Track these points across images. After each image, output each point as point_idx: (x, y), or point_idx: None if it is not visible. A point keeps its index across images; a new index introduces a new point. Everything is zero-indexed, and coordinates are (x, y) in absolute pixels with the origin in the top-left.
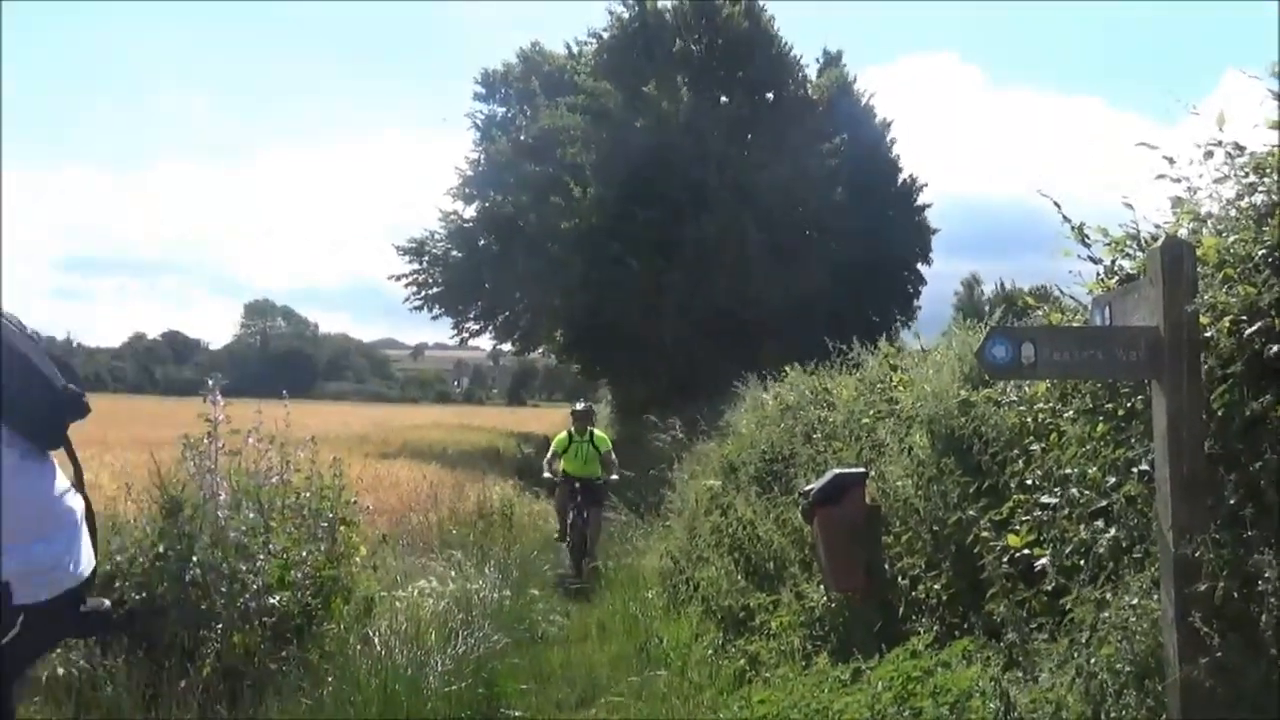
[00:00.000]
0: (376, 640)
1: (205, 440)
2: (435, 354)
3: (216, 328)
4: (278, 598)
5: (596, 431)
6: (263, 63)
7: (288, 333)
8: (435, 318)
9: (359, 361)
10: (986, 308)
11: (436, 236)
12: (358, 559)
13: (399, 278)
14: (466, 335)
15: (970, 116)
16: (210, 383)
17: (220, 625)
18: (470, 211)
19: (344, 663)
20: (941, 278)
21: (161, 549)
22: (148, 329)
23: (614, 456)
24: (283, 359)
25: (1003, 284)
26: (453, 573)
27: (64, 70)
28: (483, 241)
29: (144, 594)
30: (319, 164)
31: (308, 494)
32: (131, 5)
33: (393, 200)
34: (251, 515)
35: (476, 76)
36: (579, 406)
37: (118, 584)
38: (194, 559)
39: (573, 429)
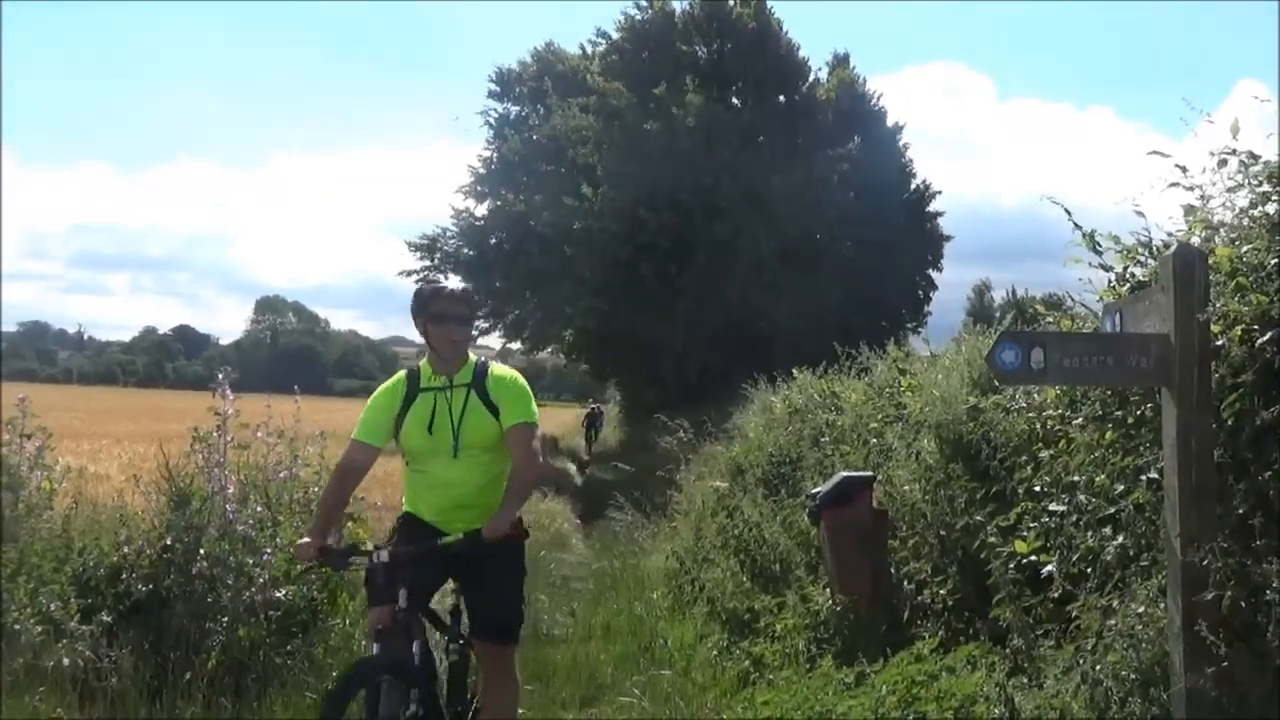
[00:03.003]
0: None
1: (215, 434)
2: None
3: (227, 323)
4: (284, 591)
5: (496, 368)
6: (277, 63)
7: (298, 329)
8: None
9: (368, 359)
10: (996, 314)
11: (448, 234)
12: None
13: (410, 274)
14: (476, 334)
15: (980, 125)
16: (220, 377)
17: (226, 618)
18: (482, 210)
19: (349, 657)
20: (949, 285)
21: (169, 541)
22: (159, 324)
23: (537, 440)
24: (292, 355)
25: (1013, 291)
26: None
27: (79, 69)
28: (494, 240)
29: (150, 586)
30: (332, 162)
31: (316, 489)
32: (147, 5)
33: (404, 198)
34: (259, 509)
35: (491, 75)
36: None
37: (124, 575)
38: (201, 552)
39: (429, 361)
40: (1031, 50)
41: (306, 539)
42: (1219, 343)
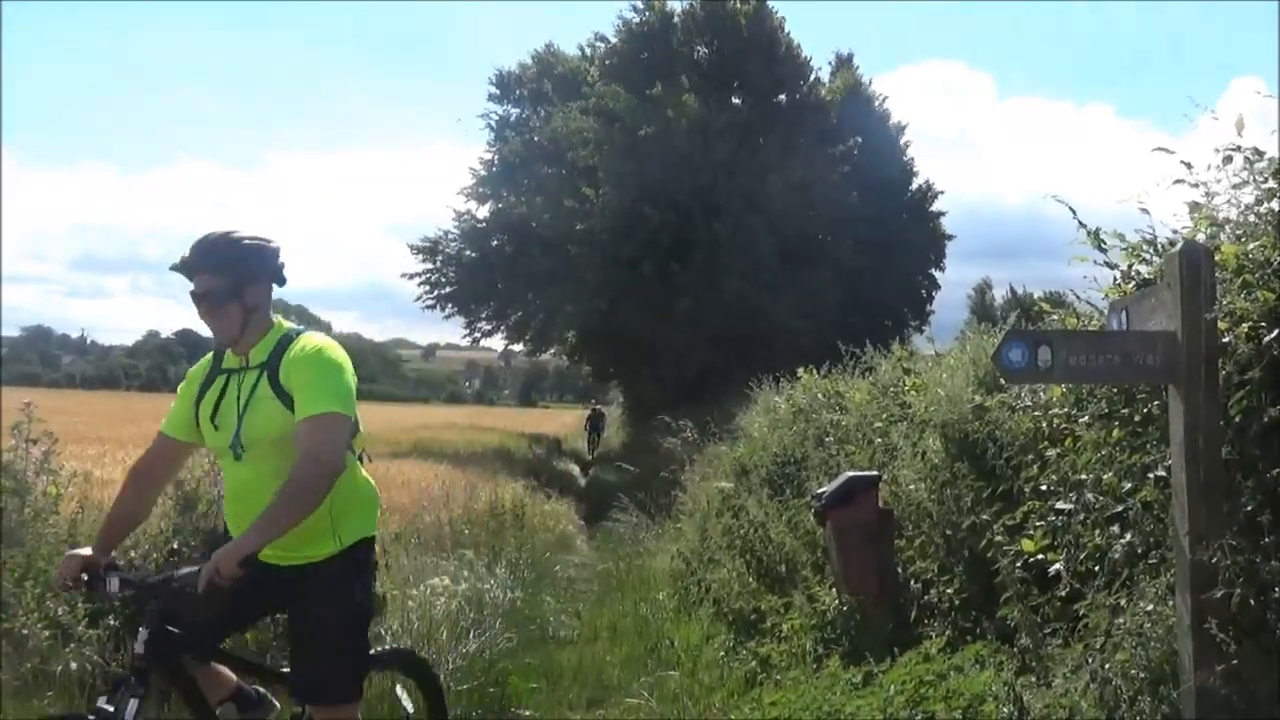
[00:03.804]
0: (389, 638)
1: None
2: (447, 354)
3: None
4: None
5: (302, 341)
6: (277, 65)
7: None
8: (448, 317)
9: (371, 361)
10: (999, 313)
11: (450, 236)
12: None
13: (412, 276)
14: (478, 335)
15: (979, 124)
16: None
17: None
18: (484, 212)
19: None
20: (950, 283)
21: (176, 545)
22: (161, 327)
23: (339, 436)
24: None
25: (1013, 289)
26: (464, 572)
27: (80, 70)
28: (496, 242)
29: None
30: (332, 165)
31: None
32: (147, 6)
33: (406, 199)
34: None
35: (491, 77)
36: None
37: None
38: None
39: (223, 348)
40: (1032, 48)
41: (83, 552)
42: (1226, 340)
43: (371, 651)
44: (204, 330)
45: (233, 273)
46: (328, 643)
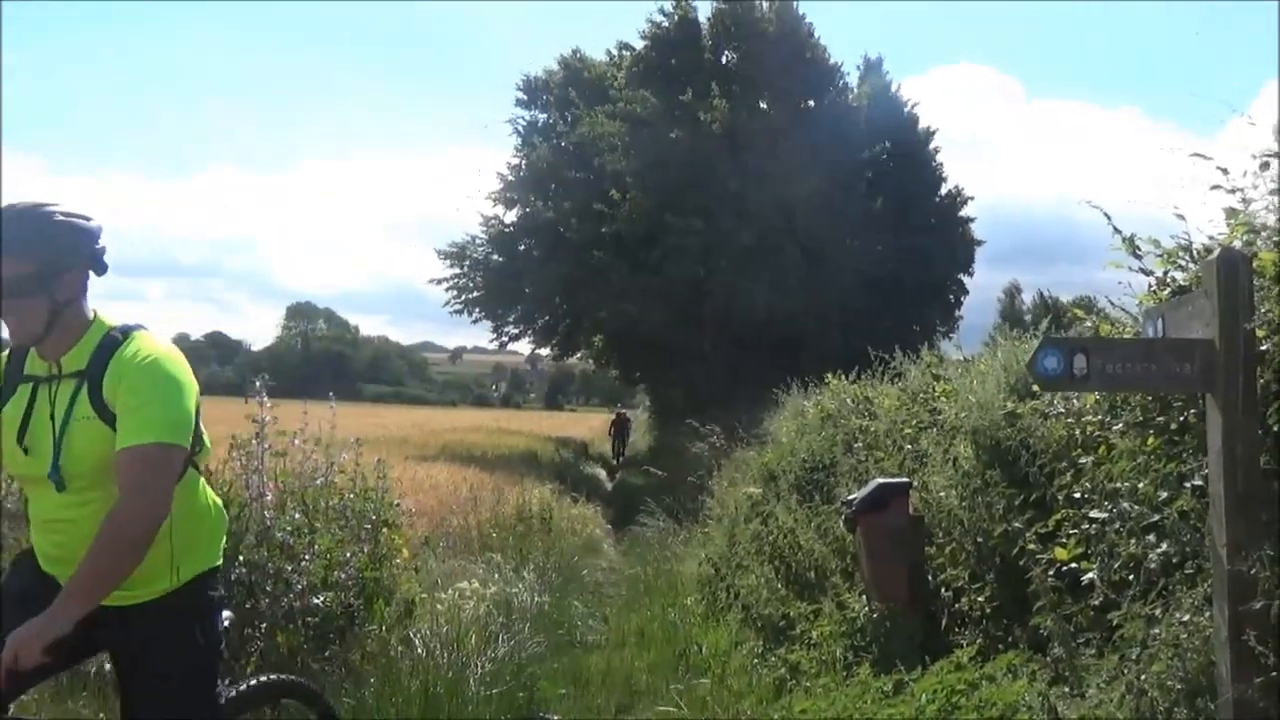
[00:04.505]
0: (418, 642)
1: (253, 440)
2: (474, 357)
3: (259, 330)
4: (321, 598)
5: (133, 345)
6: (300, 69)
7: (328, 335)
8: (475, 321)
9: (398, 364)
10: (1028, 318)
11: (478, 241)
12: (399, 561)
13: (439, 281)
14: (505, 339)
15: (1007, 127)
16: (257, 383)
17: (265, 625)
18: (511, 216)
19: (386, 664)
20: (977, 287)
21: None
22: (192, 330)
23: (168, 471)
24: (323, 361)
25: (1042, 294)
26: (493, 575)
27: (112, 80)
28: (523, 246)
29: None
30: (359, 168)
31: (352, 495)
32: (176, 11)
33: (435, 204)
34: (297, 516)
35: (518, 83)
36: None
37: None
38: (240, 559)
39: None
40: (1059, 51)
41: None
42: (1264, 348)
43: (234, 692)
44: (233, 333)
45: (40, 256)
46: (168, 696)
